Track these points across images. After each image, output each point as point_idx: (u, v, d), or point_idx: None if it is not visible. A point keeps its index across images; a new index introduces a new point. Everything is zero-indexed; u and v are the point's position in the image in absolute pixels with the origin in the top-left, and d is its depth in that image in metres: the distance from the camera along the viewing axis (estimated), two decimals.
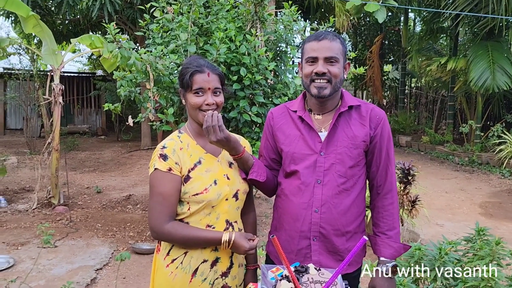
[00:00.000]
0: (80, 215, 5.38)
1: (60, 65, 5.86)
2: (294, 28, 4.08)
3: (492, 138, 9.04)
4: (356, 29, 14.67)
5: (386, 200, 1.67)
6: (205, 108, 1.58)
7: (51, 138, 5.69)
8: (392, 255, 1.62)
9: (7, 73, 12.20)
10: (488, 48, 8.78)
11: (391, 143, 1.69)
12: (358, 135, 1.61)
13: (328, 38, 1.58)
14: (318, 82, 1.58)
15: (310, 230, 1.61)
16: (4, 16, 9.72)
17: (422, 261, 2.32)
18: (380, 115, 1.66)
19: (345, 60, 1.65)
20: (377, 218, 1.68)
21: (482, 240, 2.47)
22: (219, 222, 1.61)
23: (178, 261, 1.58)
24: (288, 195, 1.66)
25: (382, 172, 1.67)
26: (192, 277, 1.58)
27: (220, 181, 1.61)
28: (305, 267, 1.50)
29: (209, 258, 1.60)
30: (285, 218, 1.68)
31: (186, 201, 1.58)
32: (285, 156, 1.68)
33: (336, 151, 1.60)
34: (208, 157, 1.64)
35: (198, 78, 1.58)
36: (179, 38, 3.67)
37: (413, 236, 4.26)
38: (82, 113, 15.31)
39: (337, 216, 1.59)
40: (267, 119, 1.80)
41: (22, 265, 3.85)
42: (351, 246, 1.62)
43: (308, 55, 1.60)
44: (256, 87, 3.88)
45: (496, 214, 5.88)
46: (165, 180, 1.55)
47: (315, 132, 1.63)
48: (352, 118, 1.64)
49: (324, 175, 1.59)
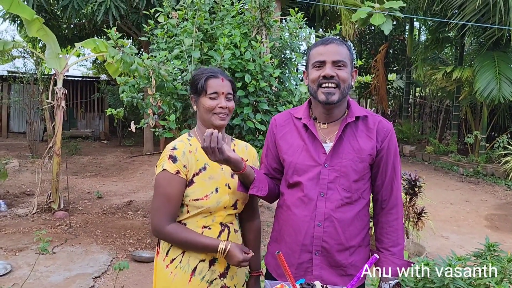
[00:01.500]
0: (80, 221, 5.32)
1: (63, 69, 5.83)
2: (300, 35, 4.03)
3: (497, 149, 8.94)
4: (361, 38, 14.66)
5: (391, 216, 1.61)
6: (218, 111, 1.63)
7: (53, 142, 5.65)
8: (396, 272, 1.57)
9: (11, 76, 12.22)
10: (494, 58, 8.73)
11: (397, 157, 1.64)
12: (365, 148, 1.55)
13: (335, 42, 1.55)
14: (326, 87, 1.51)
15: (312, 244, 1.55)
16: (10, 20, 9.75)
17: (430, 277, 2.25)
18: (388, 128, 1.61)
19: (352, 68, 1.60)
20: (380, 234, 1.62)
21: (493, 256, 2.39)
22: (214, 224, 1.66)
23: (177, 261, 1.62)
24: (290, 207, 1.61)
25: (387, 187, 1.61)
26: (192, 276, 1.62)
27: (221, 189, 1.65)
28: (311, 284, 1.43)
29: (206, 258, 1.65)
30: (286, 230, 1.63)
31: (186, 204, 1.63)
32: (287, 166, 1.62)
33: (341, 163, 1.54)
34: (213, 164, 1.65)
35: (212, 82, 1.64)
36: (183, 44, 3.62)
37: (419, 249, 4.17)
38: (85, 118, 15.31)
39: (341, 231, 1.54)
40: (270, 126, 1.74)
41: (19, 271, 3.78)
42: (355, 260, 1.58)
43: (315, 60, 1.55)
44: (261, 94, 3.83)
45: (502, 227, 5.78)
46: (172, 182, 1.58)
47: (319, 143, 1.57)
48: (359, 130, 1.58)
49: (327, 188, 1.54)
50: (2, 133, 14.08)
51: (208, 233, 1.64)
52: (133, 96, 3.69)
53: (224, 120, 1.65)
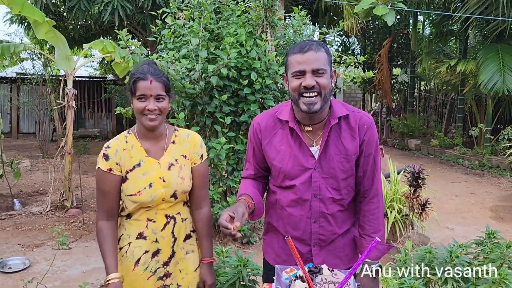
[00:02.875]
0: (93, 218, 5.46)
1: (73, 70, 5.97)
2: (304, 33, 4.13)
3: (502, 141, 8.97)
4: (365, 32, 14.64)
5: (373, 204, 1.69)
6: (147, 113, 1.66)
7: (64, 141, 5.79)
8: (377, 256, 1.67)
9: (20, 78, 12.40)
10: (498, 50, 8.74)
11: (378, 150, 1.70)
12: (350, 148, 1.62)
13: (313, 49, 1.52)
14: (307, 96, 1.52)
15: (311, 239, 1.67)
16: (17, 23, 9.91)
17: (432, 264, 2.35)
18: (368, 122, 1.66)
19: (332, 68, 1.60)
20: (363, 221, 1.71)
21: (493, 243, 2.48)
22: (158, 216, 1.73)
23: (123, 250, 1.73)
24: (285, 207, 1.68)
25: (369, 178, 1.68)
26: (135, 266, 1.72)
27: (155, 184, 1.69)
28: (318, 268, 1.53)
29: (150, 249, 1.72)
30: (282, 225, 1.71)
31: (122, 200, 1.72)
32: (277, 171, 1.67)
33: (329, 165, 1.61)
34: (148, 161, 1.72)
35: (140, 85, 1.65)
36: (190, 43, 3.73)
37: (423, 240, 4.26)
38: (93, 117, 15.49)
39: (334, 223, 1.66)
40: (253, 129, 1.73)
41: (37, 266, 3.93)
42: (347, 241, 1.73)
43: (294, 69, 1.54)
44: (267, 91, 3.93)
45: (507, 217, 5.84)
46: (105, 179, 1.68)
47: (306, 147, 1.62)
48: (342, 130, 1.63)
49: (319, 189, 1.62)
50: (12, 134, 14.30)
51: (153, 226, 1.71)
52: None
53: (154, 121, 1.67)
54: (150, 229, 1.72)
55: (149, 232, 1.72)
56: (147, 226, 1.71)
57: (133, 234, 1.72)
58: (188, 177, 1.77)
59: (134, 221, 1.73)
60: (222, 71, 3.61)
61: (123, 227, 1.75)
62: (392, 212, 4.39)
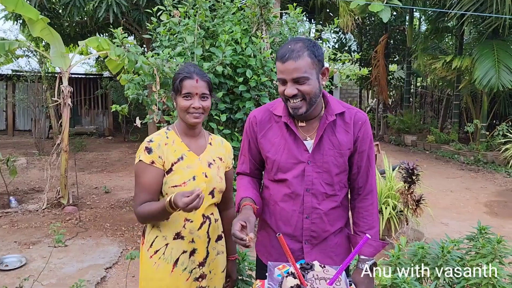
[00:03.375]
0: (89, 215, 5.48)
1: (68, 67, 5.96)
2: (299, 30, 4.13)
3: (497, 137, 9.04)
4: (361, 29, 14.66)
5: (367, 201, 1.72)
6: (192, 111, 1.72)
7: (60, 139, 5.79)
8: (372, 253, 1.68)
9: (15, 75, 12.35)
10: (493, 47, 8.78)
11: (372, 146, 1.72)
12: (343, 143, 1.64)
13: (292, 57, 1.50)
14: (292, 102, 1.56)
15: (302, 235, 1.68)
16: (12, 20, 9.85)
17: (425, 259, 2.37)
18: (362, 119, 1.68)
19: (321, 67, 1.57)
20: (357, 218, 1.73)
21: (484, 239, 2.51)
22: (196, 216, 1.76)
23: (160, 252, 1.73)
24: (278, 202, 1.70)
25: (363, 174, 1.71)
26: (174, 267, 1.73)
27: (198, 178, 1.75)
28: (310, 264, 1.56)
29: (188, 249, 1.74)
30: (274, 222, 1.73)
31: (166, 192, 1.72)
32: (271, 164, 1.70)
33: (323, 160, 1.63)
34: (190, 155, 1.77)
35: (187, 83, 1.72)
36: (185, 41, 3.73)
37: (417, 235, 4.30)
38: (89, 114, 15.45)
39: (326, 220, 1.67)
40: (249, 122, 1.77)
41: (34, 264, 3.94)
42: (340, 240, 1.73)
43: (278, 76, 1.58)
44: (262, 89, 3.94)
45: (501, 213, 5.90)
46: (147, 171, 1.70)
47: (300, 141, 1.64)
48: (337, 126, 1.65)
49: (312, 183, 1.64)
50: (8, 131, 14.25)
51: (190, 226, 1.74)
52: (139, 93, 3.81)
53: (198, 118, 1.74)
54: (188, 229, 1.75)
55: (186, 232, 1.74)
56: (184, 226, 1.74)
57: (169, 235, 1.74)
58: (223, 178, 1.86)
59: (171, 222, 1.74)
60: (217, 68, 3.62)
61: (157, 229, 1.75)
62: (387, 208, 4.43)
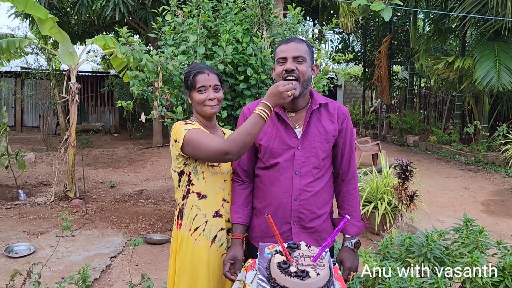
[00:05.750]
0: (95, 208, 5.65)
1: (76, 65, 6.14)
2: (298, 30, 4.27)
3: (498, 138, 9.12)
4: (365, 29, 14.76)
5: (351, 186, 1.91)
6: (208, 103, 1.88)
7: (68, 134, 5.97)
8: (356, 232, 1.88)
9: (24, 72, 12.59)
10: (494, 48, 8.86)
11: (353, 136, 1.93)
12: (329, 130, 1.83)
13: (295, 41, 1.79)
14: (288, 79, 1.73)
15: (291, 216, 1.82)
16: (22, 18, 10.08)
17: (412, 248, 2.51)
18: (345, 112, 1.89)
19: (313, 62, 1.84)
20: (342, 202, 1.92)
21: (469, 230, 2.65)
22: (230, 197, 1.94)
23: (200, 229, 1.87)
24: (268, 186, 1.85)
25: (346, 161, 1.90)
26: (212, 243, 1.88)
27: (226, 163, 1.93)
28: (297, 244, 1.70)
29: (226, 227, 1.91)
30: (266, 206, 1.86)
31: (202, 171, 1.86)
32: (263, 151, 1.85)
33: (311, 145, 1.81)
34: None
35: (200, 78, 1.88)
36: (189, 40, 3.89)
37: (411, 230, 4.43)
38: (95, 112, 15.69)
39: (312, 201, 1.82)
40: (243, 114, 1.93)
41: (42, 252, 4.12)
42: (326, 225, 1.88)
43: (278, 56, 1.80)
44: (262, 86, 4.09)
45: (497, 211, 6.00)
46: (200, 131, 1.83)
47: (291, 129, 1.82)
48: (322, 115, 1.85)
49: (301, 167, 1.80)
50: (16, 127, 14.52)
51: (227, 206, 1.92)
52: (143, 89, 3.97)
53: (214, 109, 1.90)
54: (225, 208, 1.92)
55: (224, 210, 1.92)
56: (222, 205, 1.91)
57: (209, 213, 1.89)
58: None
59: (210, 201, 1.89)
60: (218, 66, 3.77)
61: (197, 207, 1.88)
62: (382, 204, 4.57)
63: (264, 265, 1.63)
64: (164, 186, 7.06)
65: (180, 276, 1.88)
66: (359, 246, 1.88)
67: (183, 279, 1.87)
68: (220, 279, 1.90)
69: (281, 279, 1.45)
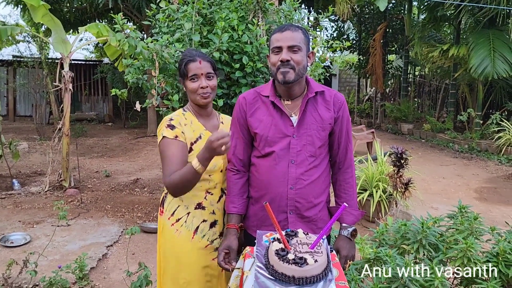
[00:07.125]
0: (90, 197, 5.64)
1: (69, 53, 6.06)
2: (294, 18, 4.24)
3: (491, 125, 9.18)
4: (360, 17, 14.68)
5: (347, 174, 1.91)
6: (200, 92, 1.86)
7: (62, 123, 5.92)
8: (353, 221, 1.88)
9: (16, 61, 12.42)
10: (489, 36, 8.87)
11: (350, 124, 1.91)
12: (325, 118, 1.81)
13: (290, 29, 1.74)
14: (283, 68, 1.71)
15: (287, 205, 1.81)
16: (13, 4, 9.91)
17: (407, 235, 2.54)
18: (341, 100, 1.87)
19: (309, 50, 1.80)
20: (339, 190, 1.92)
21: (463, 217, 2.68)
22: (216, 190, 1.93)
23: (182, 220, 1.88)
24: (263, 175, 1.83)
25: (343, 150, 1.89)
26: (194, 234, 1.87)
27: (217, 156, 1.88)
28: (295, 232, 1.71)
29: (208, 219, 1.90)
30: (262, 195, 1.85)
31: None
32: (259, 139, 1.83)
33: (307, 133, 1.79)
34: (207, 134, 1.91)
35: (192, 66, 1.86)
36: (184, 28, 3.85)
37: (406, 217, 4.47)
38: (89, 101, 15.55)
39: (308, 190, 1.80)
40: (239, 104, 1.89)
41: (38, 241, 4.12)
42: (323, 215, 1.88)
43: (273, 46, 1.76)
44: (258, 75, 4.07)
45: (490, 198, 6.07)
46: (172, 145, 1.80)
47: (287, 117, 1.79)
48: (318, 103, 1.83)
49: (297, 155, 1.78)
50: (9, 116, 14.38)
51: (210, 198, 1.91)
52: (138, 77, 3.93)
53: (207, 98, 1.87)
54: (209, 200, 1.91)
55: (207, 203, 1.90)
56: (205, 198, 1.90)
57: (191, 204, 1.89)
58: None
59: (193, 193, 1.85)
60: (214, 54, 3.73)
61: (179, 199, 1.88)
62: (377, 191, 4.60)
63: (262, 252, 1.64)
64: (159, 175, 7.05)
65: (166, 263, 1.91)
66: (356, 234, 1.88)
67: (168, 266, 1.90)
68: (201, 270, 1.90)
69: (279, 266, 1.46)
